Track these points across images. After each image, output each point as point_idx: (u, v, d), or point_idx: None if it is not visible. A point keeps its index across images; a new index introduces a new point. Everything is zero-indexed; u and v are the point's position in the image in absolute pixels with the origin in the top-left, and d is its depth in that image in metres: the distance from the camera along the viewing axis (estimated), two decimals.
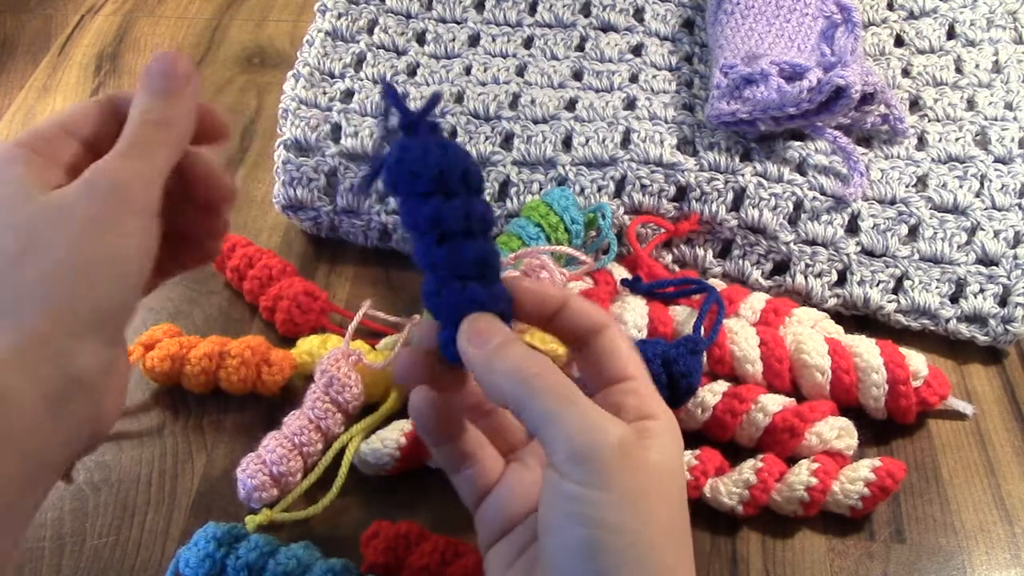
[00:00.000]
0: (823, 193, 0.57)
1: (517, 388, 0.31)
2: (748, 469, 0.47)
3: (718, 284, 0.55)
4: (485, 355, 0.32)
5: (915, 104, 0.63)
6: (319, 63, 0.67)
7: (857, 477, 0.46)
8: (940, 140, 0.60)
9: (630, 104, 0.62)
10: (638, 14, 0.70)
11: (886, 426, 0.51)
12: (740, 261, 0.58)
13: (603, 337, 0.34)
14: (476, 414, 0.38)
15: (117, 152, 0.32)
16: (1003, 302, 0.54)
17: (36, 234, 0.30)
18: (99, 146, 0.34)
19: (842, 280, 0.56)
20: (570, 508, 0.30)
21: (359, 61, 0.68)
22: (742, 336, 0.50)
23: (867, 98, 0.58)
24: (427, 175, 0.31)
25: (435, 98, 0.32)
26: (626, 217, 0.58)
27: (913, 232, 0.56)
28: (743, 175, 0.57)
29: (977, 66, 0.64)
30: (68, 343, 0.29)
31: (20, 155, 0.32)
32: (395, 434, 0.48)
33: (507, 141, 0.61)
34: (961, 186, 0.57)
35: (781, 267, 0.57)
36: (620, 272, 0.55)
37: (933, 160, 0.59)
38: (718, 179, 0.57)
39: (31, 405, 0.29)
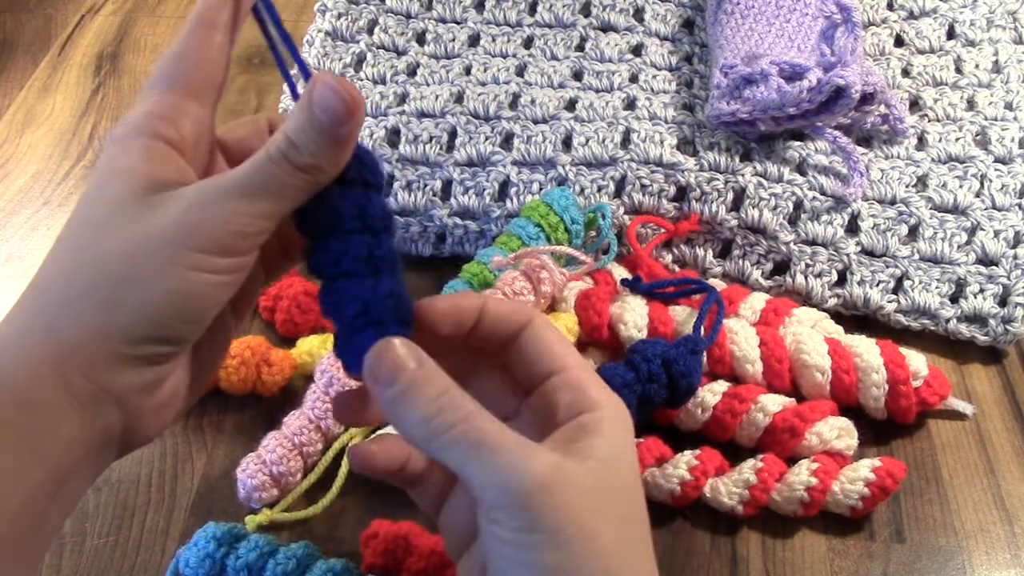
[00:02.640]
0: (823, 193, 0.57)
1: (426, 441, 0.29)
2: (748, 469, 0.47)
3: (718, 284, 0.55)
4: (390, 399, 0.29)
5: (915, 104, 0.63)
6: (319, 63, 0.67)
7: (857, 477, 0.46)
8: (940, 140, 0.60)
9: (630, 104, 0.62)
10: (638, 14, 0.70)
11: (886, 426, 0.51)
12: (740, 261, 0.58)
13: (527, 334, 0.33)
14: None
15: (244, 184, 0.28)
16: (1003, 302, 0.54)
17: (113, 242, 0.28)
18: (237, 157, 0.31)
19: (842, 280, 0.56)
20: (508, 553, 0.29)
21: (359, 61, 0.68)
22: (742, 336, 0.50)
23: (867, 98, 0.58)
24: None
25: None
26: (626, 217, 0.58)
27: (913, 232, 0.56)
28: (743, 175, 0.57)
29: (977, 66, 0.64)
30: (106, 361, 0.28)
31: (139, 143, 0.29)
32: (395, 434, 0.48)
33: (507, 141, 0.61)
34: (961, 186, 0.57)
35: (781, 267, 0.57)
36: (620, 272, 0.55)
37: (933, 160, 0.59)
38: (718, 179, 0.57)
39: (63, 417, 0.28)
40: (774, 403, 0.48)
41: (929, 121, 0.62)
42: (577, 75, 0.66)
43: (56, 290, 0.28)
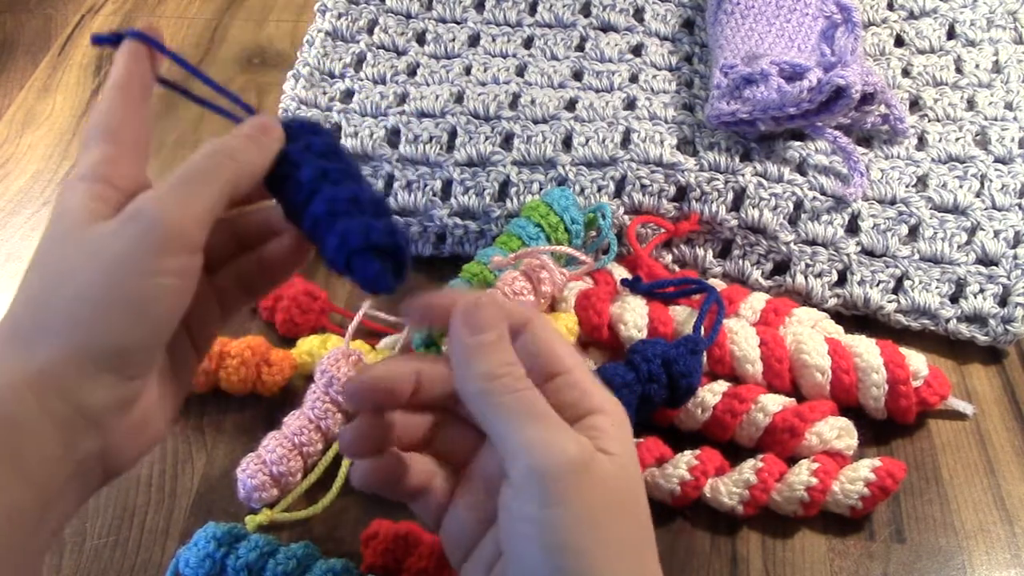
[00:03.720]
0: (823, 193, 0.57)
1: (482, 396, 0.31)
2: (748, 469, 0.47)
3: (718, 284, 0.55)
4: (469, 348, 0.31)
5: (915, 104, 0.63)
6: (319, 63, 0.67)
7: (857, 477, 0.46)
8: (940, 140, 0.60)
9: (630, 104, 0.62)
10: (638, 14, 0.70)
11: (886, 426, 0.51)
12: (740, 261, 0.58)
13: (527, 334, 0.33)
14: (425, 430, 0.37)
15: (167, 185, 0.31)
16: (1003, 302, 0.54)
17: (68, 265, 0.30)
18: None
19: (842, 280, 0.56)
20: (528, 530, 0.30)
21: (359, 61, 0.68)
22: (742, 336, 0.50)
23: (867, 98, 0.58)
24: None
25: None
26: (626, 217, 0.58)
27: (913, 232, 0.56)
28: (743, 175, 0.57)
29: (977, 66, 0.64)
30: (78, 379, 0.29)
31: (83, 186, 0.31)
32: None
33: (507, 141, 0.61)
34: (961, 186, 0.57)
35: (781, 267, 0.57)
36: (620, 272, 0.55)
37: (933, 160, 0.59)
38: (718, 179, 0.57)
39: (44, 437, 0.29)
40: (774, 403, 0.48)
41: (929, 121, 0.62)
42: (577, 75, 0.66)
43: (27, 316, 0.30)
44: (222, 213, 0.32)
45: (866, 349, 0.50)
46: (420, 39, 0.70)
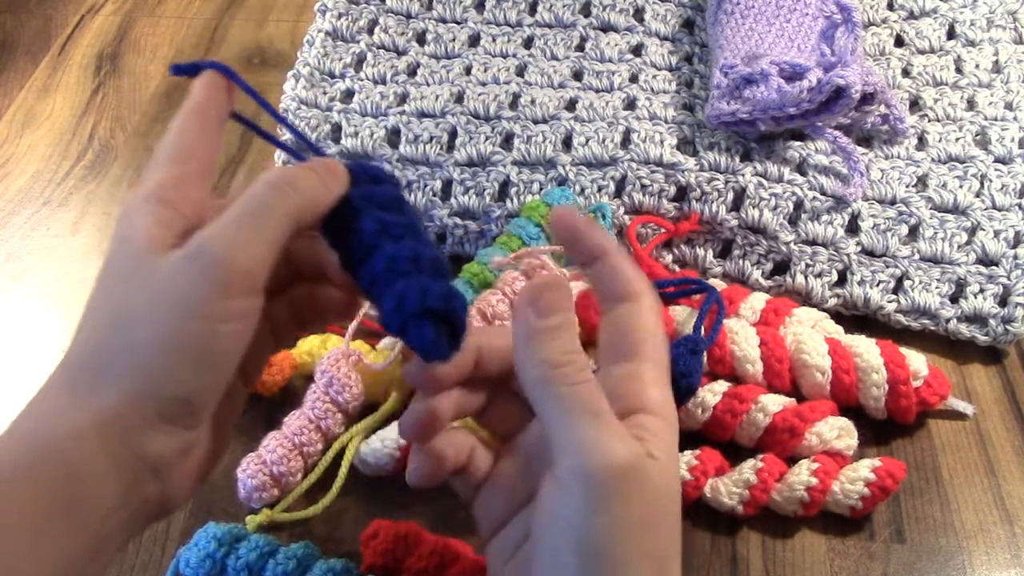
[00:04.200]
0: (823, 193, 0.57)
1: (541, 383, 0.30)
2: (748, 469, 0.47)
3: (718, 284, 0.55)
4: (534, 329, 0.31)
5: (915, 104, 0.63)
6: (319, 63, 0.67)
7: (857, 477, 0.46)
8: (940, 140, 0.60)
9: (630, 104, 0.62)
10: (638, 14, 0.70)
11: (886, 426, 0.51)
12: (740, 261, 0.58)
13: (626, 307, 0.33)
14: (472, 399, 0.36)
15: (228, 218, 0.30)
16: (1003, 302, 0.54)
17: (131, 304, 0.29)
18: None
19: (842, 280, 0.56)
20: (565, 529, 0.29)
21: (359, 61, 0.68)
22: (742, 336, 0.50)
23: (867, 98, 0.58)
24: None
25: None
26: (626, 217, 0.58)
27: (913, 232, 0.56)
28: (743, 175, 0.57)
29: (977, 66, 0.64)
30: (142, 427, 0.29)
31: (147, 208, 0.30)
32: (395, 434, 0.48)
33: (507, 141, 0.61)
34: (961, 186, 0.57)
35: (781, 267, 0.57)
36: None
37: (933, 160, 0.59)
38: (718, 179, 0.57)
39: (106, 487, 0.28)
40: (774, 403, 0.48)
41: (929, 121, 0.62)
42: (577, 75, 0.66)
43: (91, 360, 0.29)
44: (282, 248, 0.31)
45: (866, 349, 0.50)
46: (420, 39, 0.70)
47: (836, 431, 0.48)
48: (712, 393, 0.49)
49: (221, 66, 0.34)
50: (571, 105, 0.63)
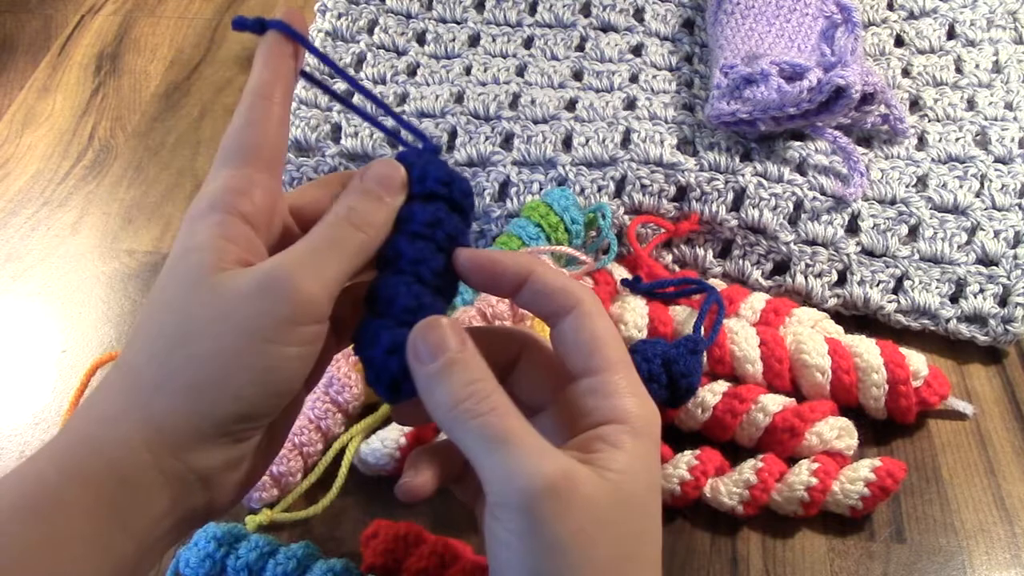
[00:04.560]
0: (823, 193, 0.57)
1: (449, 423, 0.29)
2: (748, 469, 0.47)
3: (718, 284, 0.55)
4: (427, 375, 0.30)
5: (915, 104, 0.63)
6: (319, 63, 0.67)
7: (857, 477, 0.46)
8: (940, 140, 0.60)
9: (630, 104, 0.62)
10: (638, 14, 0.70)
11: (886, 426, 0.51)
12: (740, 261, 0.58)
13: (571, 319, 0.32)
14: None
15: (304, 249, 0.30)
16: (1003, 302, 0.54)
17: (194, 323, 0.29)
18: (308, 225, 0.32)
19: (842, 280, 0.56)
20: (506, 555, 0.29)
21: (359, 61, 0.68)
22: (742, 336, 0.50)
23: (867, 98, 0.58)
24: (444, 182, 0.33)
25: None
26: (626, 217, 0.58)
27: (913, 232, 0.56)
28: (743, 175, 0.57)
29: (977, 66, 0.64)
30: (195, 441, 0.29)
31: (212, 219, 0.30)
32: (395, 434, 0.48)
33: (507, 141, 0.61)
34: (961, 186, 0.57)
35: (781, 267, 0.57)
36: (620, 272, 0.55)
37: (933, 160, 0.59)
38: (718, 179, 0.57)
39: (154, 495, 0.29)
40: (774, 403, 0.48)
41: (929, 121, 0.62)
42: (577, 75, 0.66)
43: (148, 371, 0.29)
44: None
45: (866, 349, 0.50)
46: (420, 39, 0.70)
47: (836, 431, 0.48)
48: (712, 393, 0.49)
49: (284, 25, 0.31)
50: (571, 105, 0.63)
